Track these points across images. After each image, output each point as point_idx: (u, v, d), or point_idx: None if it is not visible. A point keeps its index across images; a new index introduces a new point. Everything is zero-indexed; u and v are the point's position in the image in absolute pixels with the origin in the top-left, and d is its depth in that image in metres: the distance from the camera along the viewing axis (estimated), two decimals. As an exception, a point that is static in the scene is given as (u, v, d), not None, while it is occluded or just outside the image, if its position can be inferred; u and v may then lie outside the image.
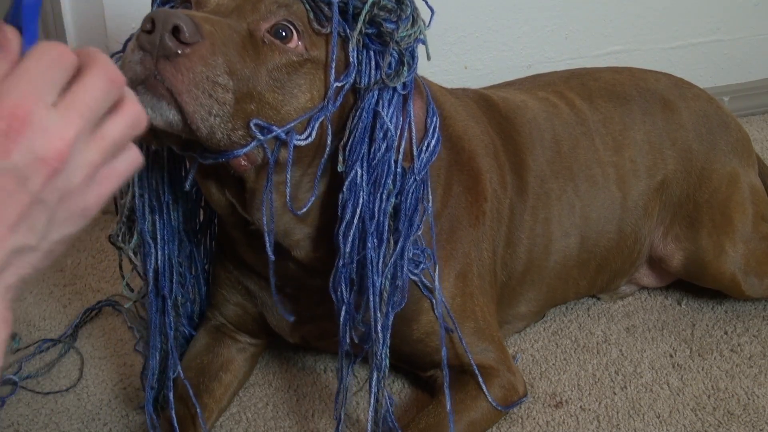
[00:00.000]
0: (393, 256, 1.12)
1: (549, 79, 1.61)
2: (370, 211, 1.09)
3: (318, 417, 1.36)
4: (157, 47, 0.93)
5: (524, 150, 1.44)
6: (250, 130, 1.01)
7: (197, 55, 0.95)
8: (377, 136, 1.07)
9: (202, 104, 0.95)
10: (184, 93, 0.94)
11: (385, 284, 1.13)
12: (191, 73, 0.94)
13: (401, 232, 1.12)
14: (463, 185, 1.32)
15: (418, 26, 1.08)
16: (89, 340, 1.53)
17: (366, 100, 1.07)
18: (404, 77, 1.07)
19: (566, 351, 1.49)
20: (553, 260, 1.46)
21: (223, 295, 1.36)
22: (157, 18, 0.93)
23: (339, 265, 1.11)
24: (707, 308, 1.59)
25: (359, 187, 1.08)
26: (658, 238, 1.55)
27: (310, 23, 1.04)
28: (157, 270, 1.22)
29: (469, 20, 2.01)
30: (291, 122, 1.03)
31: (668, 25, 2.16)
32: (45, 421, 1.36)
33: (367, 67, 1.07)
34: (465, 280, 1.30)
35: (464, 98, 1.45)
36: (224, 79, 0.97)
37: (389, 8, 1.05)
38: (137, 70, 0.94)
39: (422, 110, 1.12)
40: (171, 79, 0.94)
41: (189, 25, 0.94)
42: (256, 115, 1.01)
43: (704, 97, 1.61)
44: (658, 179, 1.52)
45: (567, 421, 1.34)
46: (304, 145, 1.05)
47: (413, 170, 1.10)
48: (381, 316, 1.14)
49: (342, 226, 1.09)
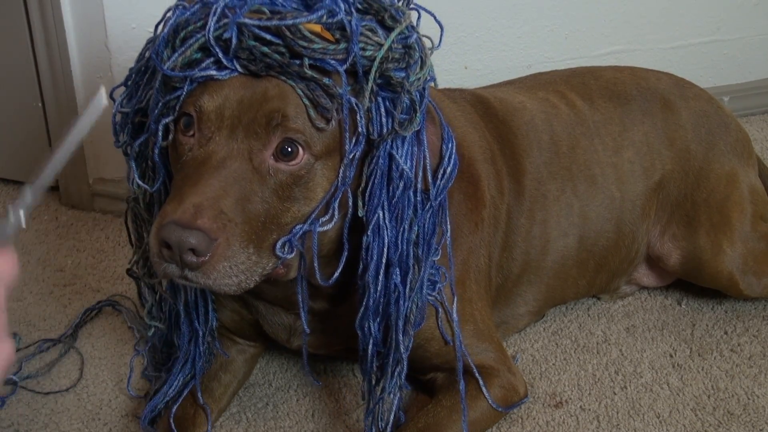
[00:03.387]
0: (418, 281, 1.14)
1: (550, 78, 1.61)
2: (394, 244, 1.11)
3: (318, 417, 1.36)
4: (180, 263, 1.00)
5: (521, 153, 1.44)
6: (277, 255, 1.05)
7: (217, 257, 1.00)
8: (394, 176, 1.08)
9: (231, 284, 1.03)
10: (216, 286, 1.03)
11: (412, 308, 1.15)
12: (215, 272, 1.01)
13: (421, 257, 1.13)
14: (463, 192, 1.32)
15: (428, 67, 1.07)
16: (89, 340, 1.53)
17: (381, 148, 1.06)
18: (416, 125, 1.07)
19: (566, 351, 1.49)
20: (551, 260, 1.46)
21: (220, 300, 1.36)
22: (171, 242, 0.98)
23: (368, 303, 1.13)
24: (707, 308, 1.59)
25: (382, 227, 1.09)
26: (656, 237, 1.55)
27: (312, 123, 1.02)
28: (188, 304, 1.24)
29: (469, 20, 2.01)
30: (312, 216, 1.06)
31: (668, 25, 2.16)
32: (45, 421, 1.36)
33: (377, 114, 1.05)
34: (463, 285, 1.31)
35: (462, 102, 1.45)
36: (245, 254, 1.02)
37: (397, 58, 1.04)
38: (169, 271, 1.02)
39: (436, 136, 1.12)
40: (201, 282, 1.02)
41: (203, 242, 0.98)
42: (278, 238, 1.05)
43: (705, 97, 1.61)
44: (655, 179, 1.52)
45: (567, 421, 1.34)
46: (329, 228, 1.07)
47: (430, 197, 1.11)
48: (405, 338, 1.16)
49: (370, 269, 1.11)
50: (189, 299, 1.24)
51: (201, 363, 1.27)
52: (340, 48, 1.01)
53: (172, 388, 1.28)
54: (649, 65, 1.72)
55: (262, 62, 1.01)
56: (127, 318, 1.55)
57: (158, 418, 1.29)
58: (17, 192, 1.93)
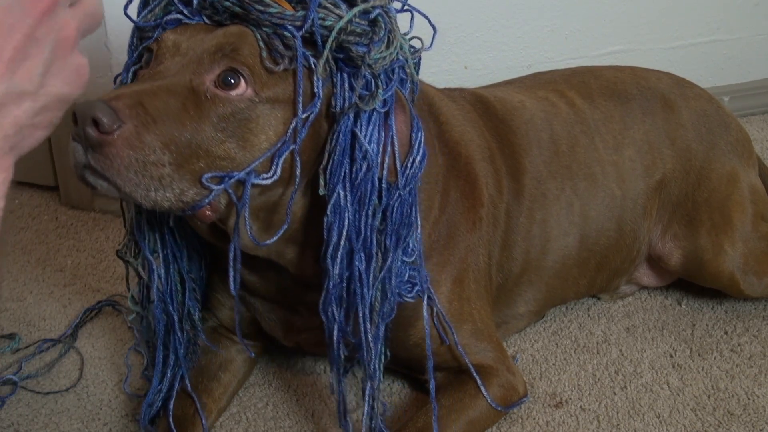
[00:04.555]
0: (382, 270, 1.12)
1: (550, 78, 1.61)
2: (356, 228, 1.08)
3: (318, 417, 1.36)
4: (83, 140, 0.96)
5: (520, 152, 1.44)
6: (203, 185, 1.02)
7: (121, 140, 0.96)
8: (357, 156, 1.06)
9: (138, 184, 0.98)
10: (117, 178, 0.97)
11: (376, 296, 1.13)
12: (118, 158, 0.97)
13: (389, 246, 1.11)
14: (460, 191, 1.32)
15: (395, 47, 1.06)
16: (89, 340, 1.53)
17: (342, 123, 1.06)
18: (379, 100, 1.05)
19: (566, 351, 1.49)
20: (551, 260, 1.46)
21: (218, 299, 1.36)
22: (77, 111, 0.96)
23: (329, 286, 1.11)
24: (707, 308, 1.59)
25: (343, 208, 1.07)
26: (657, 236, 1.55)
27: (262, 63, 1.03)
28: (162, 287, 1.22)
29: (469, 20, 2.01)
30: (250, 165, 1.03)
31: (668, 25, 2.16)
32: (45, 421, 1.36)
33: (341, 89, 1.06)
34: (462, 284, 1.31)
35: (461, 101, 1.45)
36: (156, 155, 0.98)
37: (359, 32, 1.04)
38: (77, 158, 0.98)
39: (405, 125, 1.10)
40: (102, 167, 0.97)
41: (107, 114, 0.95)
42: (208, 170, 1.02)
43: (705, 96, 1.61)
44: (656, 178, 1.52)
45: (567, 421, 1.34)
46: (270, 183, 1.05)
47: (398, 186, 1.09)
48: (372, 327, 1.14)
49: (329, 250, 1.09)
50: (163, 282, 1.22)
51: (183, 351, 1.25)
52: (298, 15, 1.02)
53: (162, 382, 1.26)
54: (649, 65, 1.72)
55: (225, 13, 1.05)
56: (127, 318, 1.55)
57: (158, 417, 1.29)
58: (16, 192, 1.93)
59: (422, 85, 1.32)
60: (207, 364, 1.37)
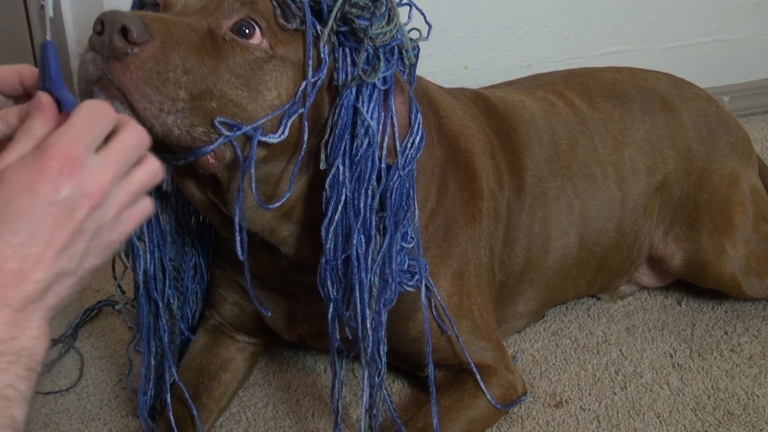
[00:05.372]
0: (381, 252, 1.12)
1: (548, 79, 1.61)
2: (355, 207, 1.08)
3: (318, 417, 1.36)
4: (107, 48, 0.94)
5: (522, 149, 1.44)
6: (214, 127, 1.00)
7: (147, 54, 0.95)
8: (359, 132, 1.06)
9: (152, 101, 0.95)
10: (134, 91, 0.94)
11: (374, 281, 1.12)
12: (140, 71, 0.94)
13: (388, 228, 1.11)
14: (458, 184, 1.32)
15: (395, 24, 1.08)
16: (89, 340, 1.53)
17: (345, 96, 1.06)
18: (381, 73, 1.06)
19: (566, 351, 1.49)
20: (551, 259, 1.46)
21: (220, 294, 1.36)
22: (105, 19, 0.94)
23: (323, 261, 1.11)
24: (707, 308, 1.59)
25: (341, 183, 1.07)
26: (658, 237, 1.55)
27: (276, 20, 1.04)
28: (147, 273, 1.22)
29: (469, 20, 2.01)
30: (259, 120, 1.03)
31: (668, 25, 2.16)
32: (45, 421, 1.36)
33: (343, 63, 1.07)
34: (462, 278, 1.30)
35: (462, 98, 1.45)
36: (176, 75, 0.96)
37: (362, 5, 1.05)
38: (90, 70, 0.95)
39: (404, 105, 1.11)
40: (120, 78, 0.94)
41: (137, 25, 0.94)
42: (219, 113, 1.01)
43: (704, 97, 1.61)
44: (658, 179, 1.52)
45: (567, 421, 1.34)
46: (276, 142, 1.05)
47: (397, 166, 1.10)
48: (370, 312, 1.13)
49: (325, 222, 1.09)
50: (148, 269, 1.22)
51: (167, 338, 1.25)
52: None
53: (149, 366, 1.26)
54: (649, 65, 1.73)
55: None
56: (127, 318, 1.55)
57: (157, 414, 1.29)
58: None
59: (421, 80, 1.32)
60: (207, 364, 1.37)
